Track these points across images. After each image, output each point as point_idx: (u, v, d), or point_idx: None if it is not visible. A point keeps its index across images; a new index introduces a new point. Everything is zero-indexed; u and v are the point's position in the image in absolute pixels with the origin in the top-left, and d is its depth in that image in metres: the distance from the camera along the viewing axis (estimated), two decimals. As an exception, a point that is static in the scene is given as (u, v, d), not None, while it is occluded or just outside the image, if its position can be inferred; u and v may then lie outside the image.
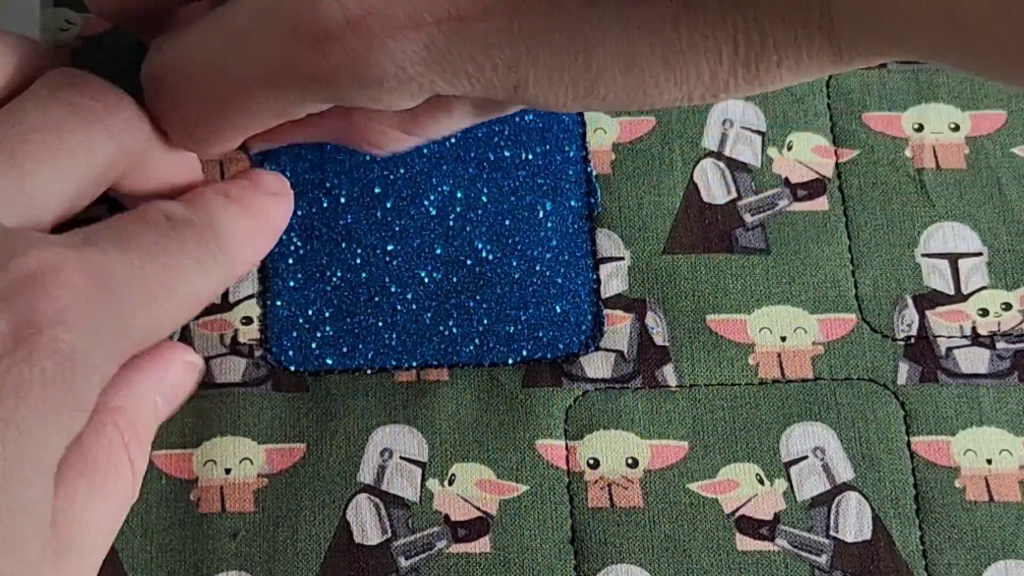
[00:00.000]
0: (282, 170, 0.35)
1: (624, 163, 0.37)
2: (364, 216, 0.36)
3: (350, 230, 0.35)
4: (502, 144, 0.36)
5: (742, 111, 0.37)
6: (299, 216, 0.35)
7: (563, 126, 0.37)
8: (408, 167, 0.36)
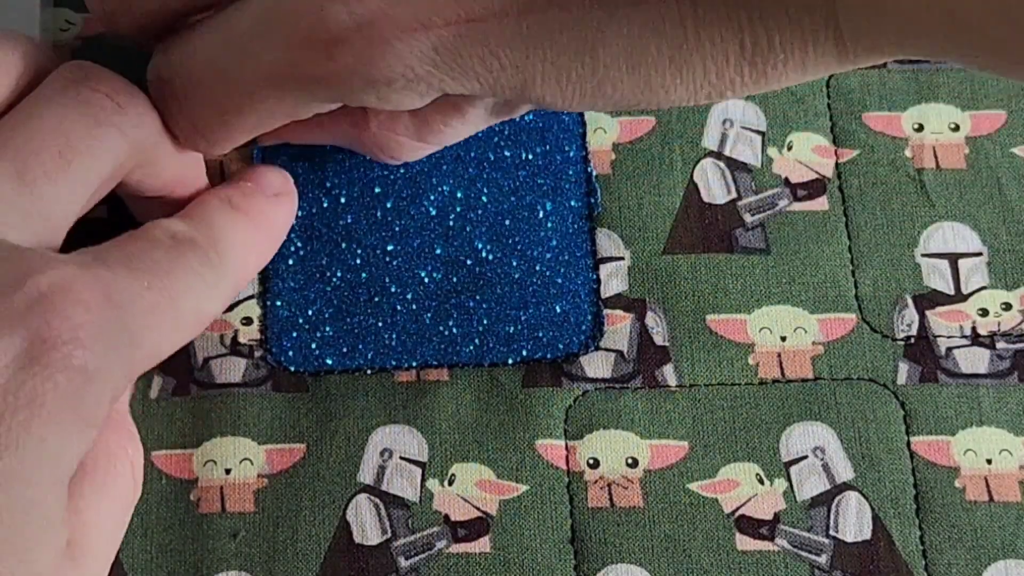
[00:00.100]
0: (282, 166, 0.35)
1: (624, 163, 0.37)
2: (364, 216, 0.36)
3: (350, 230, 0.35)
4: (502, 144, 0.36)
5: (742, 111, 0.37)
6: (299, 216, 0.35)
7: (563, 126, 0.37)
8: (408, 167, 0.36)
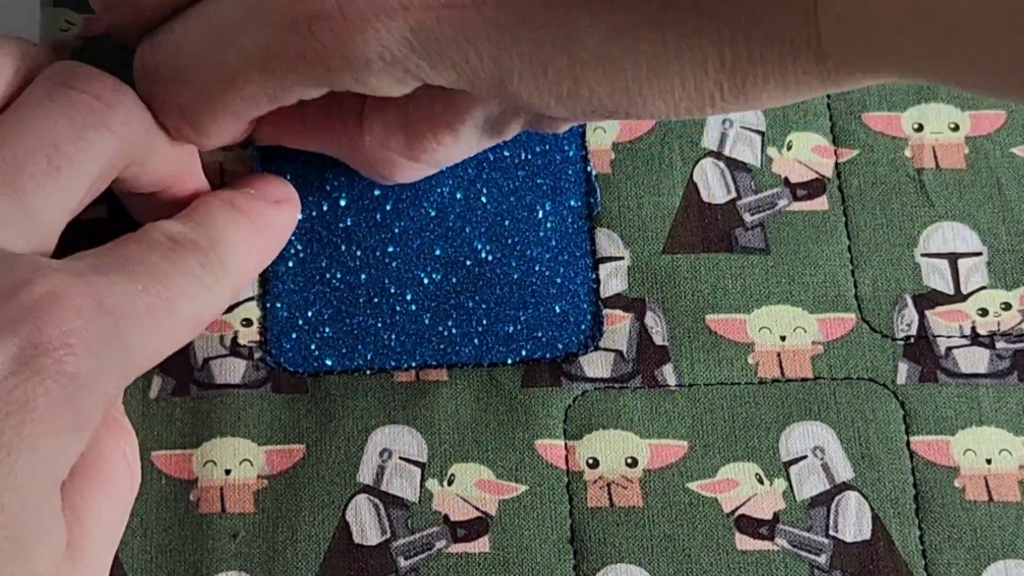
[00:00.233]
0: (282, 174, 0.35)
1: (624, 162, 0.37)
2: (364, 218, 0.35)
3: (350, 232, 0.35)
4: (501, 144, 0.36)
5: (742, 110, 0.37)
6: (299, 219, 0.35)
7: (563, 125, 0.37)
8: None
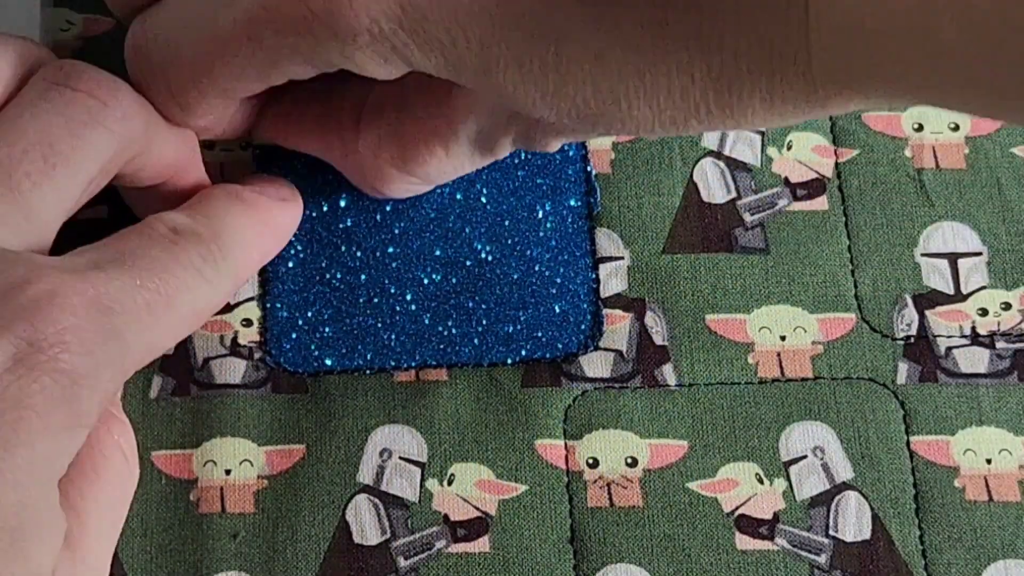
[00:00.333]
0: (282, 174, 0.35)
1: (624, 162, 0.37)
2: (364, 219, 0.36)
3: (350, 233, 0.35)
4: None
5: (742, 110, 0.37)
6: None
7: (563, 125, 0.37)
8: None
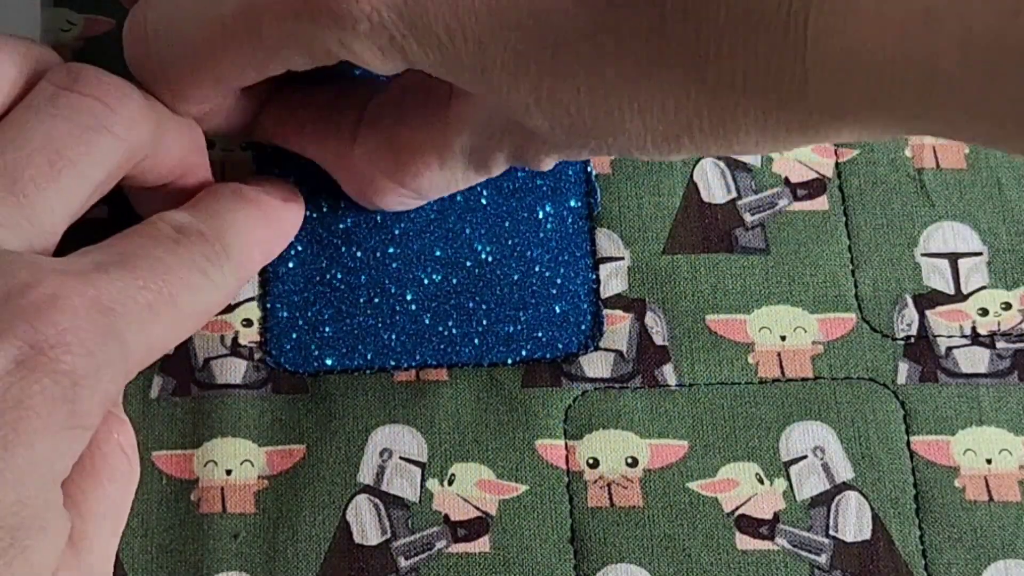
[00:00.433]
0: (283, 174, 0.35)
1: (624, 162, 0.37)
2: (364, 219, 0.36)
3: (350, 233, 0.35)
4: (502, 144, 0.36)
5: (742, 110, 0.37)
6: (299, 219, 0.35)
7: (563, 126, 0.37)
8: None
